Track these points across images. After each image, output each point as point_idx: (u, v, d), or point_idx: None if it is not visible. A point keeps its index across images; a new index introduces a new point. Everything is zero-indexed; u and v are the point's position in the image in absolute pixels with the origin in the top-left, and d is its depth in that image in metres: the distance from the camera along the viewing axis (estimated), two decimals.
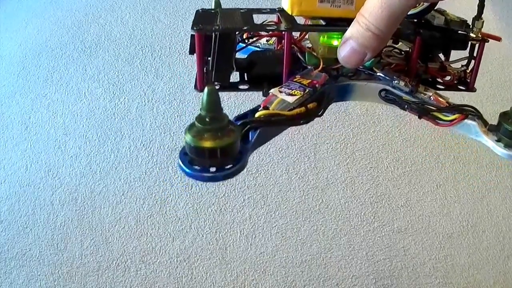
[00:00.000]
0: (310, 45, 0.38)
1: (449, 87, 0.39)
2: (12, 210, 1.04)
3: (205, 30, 0.32)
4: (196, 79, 0.35)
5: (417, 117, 0.35)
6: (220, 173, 0.27)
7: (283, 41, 0.35)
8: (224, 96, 0.31)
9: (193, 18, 0.35)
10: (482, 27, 0.37)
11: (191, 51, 0.34)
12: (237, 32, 0.34)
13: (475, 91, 0.39)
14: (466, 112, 0.34)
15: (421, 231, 1.07)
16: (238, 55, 0.37)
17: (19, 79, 1.28)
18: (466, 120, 0.34)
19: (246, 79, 0.37)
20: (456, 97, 0.39)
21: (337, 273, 1.00)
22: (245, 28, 0.33)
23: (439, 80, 0.39)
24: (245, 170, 0.29)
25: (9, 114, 1.20)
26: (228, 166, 0.27)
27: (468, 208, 1.12)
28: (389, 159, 1.18)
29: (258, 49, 0.39)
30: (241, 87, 0.36)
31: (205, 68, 0.35)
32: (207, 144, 0.26)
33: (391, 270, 1.01)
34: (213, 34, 0.32)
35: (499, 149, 0.33)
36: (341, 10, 0.33)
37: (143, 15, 1.46)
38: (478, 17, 0.36)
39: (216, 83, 0.35)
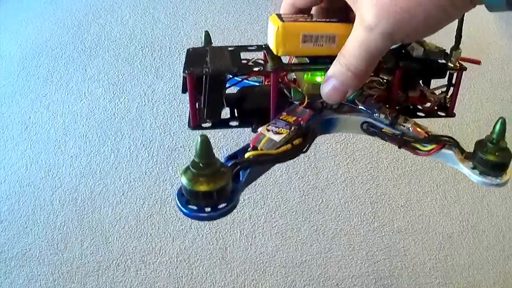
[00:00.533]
0: (295, 77, 0.40)
1: (430, 114, 0.41)
2: (12, 210, 1.04)
3: (196, 73, 0.34)
4: (189, 117, 0.37)
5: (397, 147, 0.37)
6: (214, 212, 0.29)
7: (269, 77, 0.37)
8: (217, 131, 0.34)
9: (184, 57, 0.37)
10: (459, 56, 0.38)
11: (184, 91, 0.36)
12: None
13: (454, 116, 0.41)
14: (443, 142, 0.36)
15: (421, 231, 1.07)
16: (229, 90, 0.39)
17: (19, 79, 1.28)
18: (443, 150, 0.36)
19: (236, 114, 0.39)
20: (459, 95, 0.39)
21: (337, 273, 1.00)
22: (234, 70, 0.35)
23: (419, 107, 0.41)
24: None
25: (9, 114, 1.20)
26: (222, 205, 0.29)
27: (468, 208, 1.12)
28: (389, 159, 1.18)
29: (248, 82, 0.41)
30: (231, 123, 0.38)
31: (197, 105, 0.37)
32: (202, 188, 0.29)
33: (391, 270, 1.01)
34: (204, 76, 0.35)
35: (474, 176, 0.35)
36: (323, 48, 0.34)
37: (143, 15, 1.46)
38: (456, 47, 0.38)
39: (208, 120, 0.37)
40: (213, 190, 0.29)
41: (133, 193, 1.08)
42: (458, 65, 0.38)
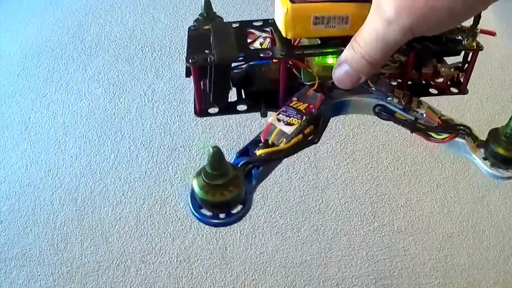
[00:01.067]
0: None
1: (442, 90, 0.40)
2: (12, 210, 1.04)
3: (200, 62, 0.32)
4: (195, 103, 0.35)
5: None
6: (229, 218, 0.29)
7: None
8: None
9: (186, 37, 0.35)
10: (477, 36, 0.37)
11: (187, 75, 0.35)
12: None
13: (467, 93, 0.40)
14: (457, 131, 0.35)
15: (421, 231, 1.07)
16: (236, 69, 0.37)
17: (19, 79, 1.28)
18: (456, 138, 0.35)
19: (243, 96, 0.37)
20: (457, 99, 0.39)
21: (337, 273, 1.00)
22: (239, 57, 0.34)
23: (432, 83, 0.40)
24: None
25: (9, 114, 1.20)
26: (237, 210, 0.29)
27: (468, 208, 1.12)
28: (389, 159, 1.18)
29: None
30: (239, 108, 0.37)
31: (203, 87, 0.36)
32: (215, 199, 0.28)
33: (391, 270, 1.01)
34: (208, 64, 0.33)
35: (485, 167, 0.34)
36: (336, 29, 0.32)
37: (143, 15, 1.46)
38: (474, 27, 0.36)
39: (214, 105, 0.36)
40: (227, 200, 0.28)
41: (133, 193, 1.08)
42: (474, 45, 0.37)
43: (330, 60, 0.36)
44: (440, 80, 0.40)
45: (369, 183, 1.13)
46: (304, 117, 0.33)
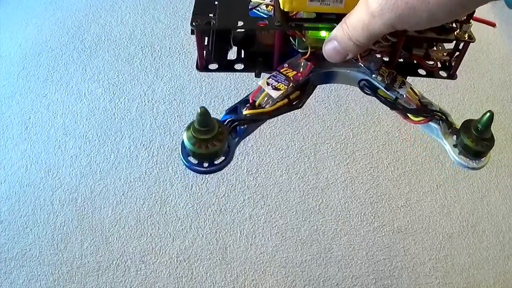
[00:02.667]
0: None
1: (431, 73, 0.41)
2: (12, 210, 1.04)
3: (203, 27, 0.36)
4: (197, 59, 0.38)
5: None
6: (212, 167, 0.33)
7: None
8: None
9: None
10: (469, 29, 0.38)
11: (192, 32, 0.37)
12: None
13: (455, 78, 0.42)
14: (431, 116, 0.37)
15: (421, 231, 1.07)
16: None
17: (19, 79, 1.28)
18: (430, 123, 0.37)
19: (242, 55, 0.40)
20: (457, 98, 0.40)
21: (337, 273, 1.00)
22: (240, 25, 0.36)
23: (422, 64, 0.42)
24: (245, 169, 0.32)
25: (9, 114, 1.20)
26: (219, 161, 0.33)
27: (468, 208, 1.12)
28: (389, 159, 1.18)
29: (257, 13, 0.41)
30: (236, 67, 0.40)
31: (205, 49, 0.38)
32: (200, 150, 0.32)
33: (391, 270, 1.01)
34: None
35: (453, 154, 0.36)
36: (330, 7, 0.34)
37: (143, 15, 1.46)
38: (467, 20, 0.38)
39: (214, 62, 0.39)
40: (210, 152, 0.32)
41: (133, 193, 1.08)
42: (466, 37, 0.39)
43: (323, 33, 0.38)
44: (431, 63, 0.42)
45: (369, 183, 1.13)
46: (291, 84, 0.36)
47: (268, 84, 0.36)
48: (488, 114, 0.35)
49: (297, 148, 1.17)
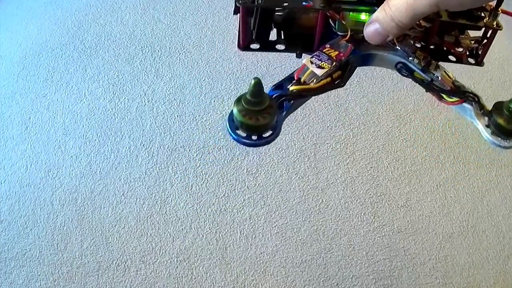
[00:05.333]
0: None
1: (460, 59, 0.43)
2: (12, 210, 1.04)
3: (248, 4, 0.37)
4: (239, 38, 0.40)
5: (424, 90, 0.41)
6: (260, 140, 0.34)
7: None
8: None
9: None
10: (497, 16, 0.41)
11: (235, 12, 0.39)
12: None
13: (482, 65, 0.44)
14: (465, 97, 0.39)
15: (421, 231, 1.07)
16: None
17: (19, 79, 1.28)
18: (464, 104, 0.39)
19: (282, 37, 0.42)
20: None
21: (337, 273, 1.00)
22: (285, 4, 0.38)
23: (452, 51, 0.44)
24: (245, 169, 0.32)
25: (9, 114, 1.20)
26: (267, 134, 0.34)
27: (468, 208, 1.12)
28: (389, 159, 1.18)
29: None
30: (278, 47, 0.41)
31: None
32: (251, 122, 0.33)
33: (391, 270, 1.01)
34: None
35: (486, 134, 0.38)
36: None
37: (143, 15, 1.46)
38: (496, 9, 0.40)
39: (256, 42, 0.41)
40: (260, 125, 0.33)
41: (133, 193, 1.08)
42: (494, 24, 0.41)
43: (363, 16, 0.40)
44: (460, 49, 0.44)
45: (369, 183, 1.13)
46: (334, 63, 0.38)
47: (312, 62, 0.37)
48: None
49: (297, 148, 1.17)
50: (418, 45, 0.42)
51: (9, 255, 0.98)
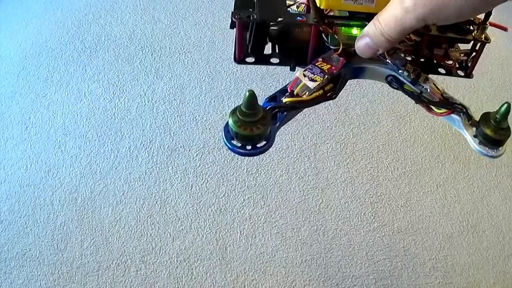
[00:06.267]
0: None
1: (450, 71, 0.45)
2: (12, 210, 1.04)
3: (244, 19, 0.39)
4: (235, 52, 0.42)
5: (414, 102, 0.42)
6: (254, 150, 0.35)
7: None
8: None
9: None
10: (485, 30, 0.42)
11: (232, 27, 0.41)
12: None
13: (471, 77, 0.46)
14: (453, 108, 0.40)
15: (421, 231, 1.07)
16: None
17: (19, 79, 1.28)
18: (452, 115, 0.41)
19: (277, 50, 0.43)
20: (460, 94, 0.42)
21: (337, 273, 1.00)
22: (279, 20, 0.39)
23: (442, 63, 0.45)
24: (245, 169, 0.33)
25: (9, 114, 1.20)
26: (261, 144, 0.35)
27: (468, 208, 1.12)
28: (389, 159, 1.18)
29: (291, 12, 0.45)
30: (272, 60, 0.43)
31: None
32: (245, 132, 0.34)
33: (391, 270, 1.01)
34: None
35: (473, 144, 0.40)
36: (362, 6, 0.38)
37: (143, 15, 1.46)
38: (484, 22, 0.42)
39: (251, 55, 0.42)
40: (254, 135, 0.35)
41: (133, 193, 1.08)
42: (482, 37, 0.42)
43: (354, 31, 0.41)
44: (450, 62, 0.45)
45: (369, 183, 1.13)
46: (326, 76, 0.39)
47: (305, 75, 0.39)
48: (505, 105, 0.38)
49: (297, 148, 1.17)
50: (409, 58, 0.43)
51: (9, 255, 0.98)
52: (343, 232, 1.05)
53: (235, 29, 0.40)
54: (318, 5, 0.38)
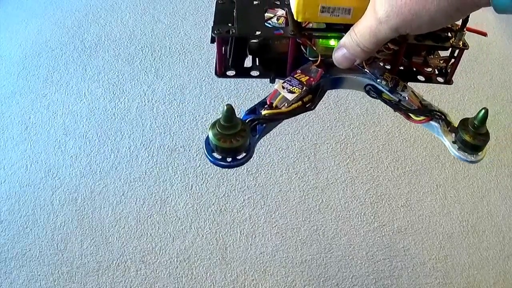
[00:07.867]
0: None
1: (429, 78, 0.45)
2: (12, 210, 1.04)
3: (223, 35, 0.39)
4: (216, 66, 0.42)
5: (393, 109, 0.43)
6: (234, 162, 0.36)
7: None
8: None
9: (214, 10, 0.41)
10: (463, 37, 0.42)
11: (212, 41, 0.41)
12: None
13: (451, 84, 0.45)
14: (431, 115, 0.41)
15: (421, 231, 1.07)
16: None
17: (19, 79, 1.28)
18: (431, 122, 0.41)
19: (257, 63, 0.44)
20: (458, 98, 0.42)
21: (337, 273, 1.00)
22: (257, 33, 0.39)
23: (421, 71, 0.45)
24: (245, 169, 0.33)
25: (9, 114, 1.20)
26: (241, 156, 0.36)
27: (468, 208, 1.12)
28: (389, 159, 1.18)
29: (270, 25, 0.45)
30: (252, 73, 0.43)
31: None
32: (225, 145, 0.35)
33: (391, 270, 1.01)
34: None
35: (453, 150, 0.40)
36: (339, 18, 0.37)
37: (143, 15, 1.46)
38: (461, 29, 0.42)
39: (232, 69, 0.43)
40: (234, 147, 0.35)
41: (133, 193, 1.08)
42: (460, 44, 0.42)
43: (332, 42, 0.41)
44: (429, 69, 0.45)
45: (369, 183, 1.13)
46: (304, 88, 0.39)
47: (283, 87, 0.39)
48: (483, 110, 0.38)
49: (297, 148, 1.17)
50: (388, 67, 0.43)
51: (9, 255, 0.98)
52: (343, 232, 1.05)
53: (215, 43, 0.40)
54: (295, 18, 0.38)
